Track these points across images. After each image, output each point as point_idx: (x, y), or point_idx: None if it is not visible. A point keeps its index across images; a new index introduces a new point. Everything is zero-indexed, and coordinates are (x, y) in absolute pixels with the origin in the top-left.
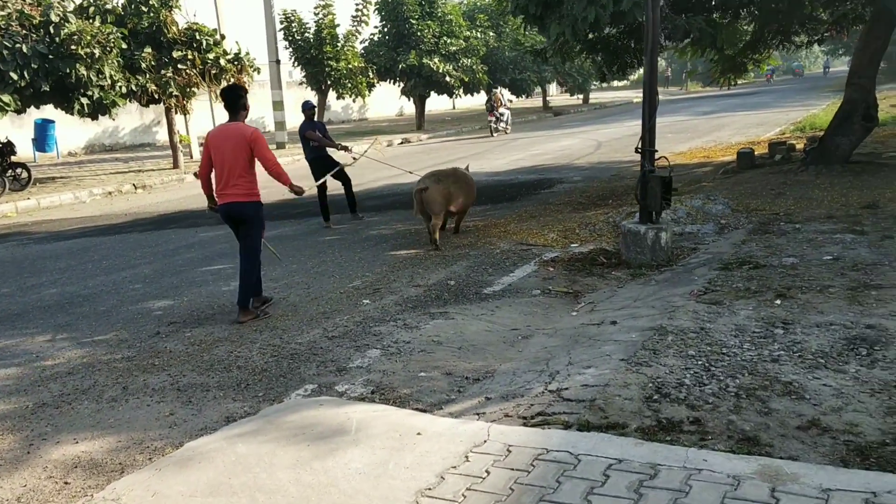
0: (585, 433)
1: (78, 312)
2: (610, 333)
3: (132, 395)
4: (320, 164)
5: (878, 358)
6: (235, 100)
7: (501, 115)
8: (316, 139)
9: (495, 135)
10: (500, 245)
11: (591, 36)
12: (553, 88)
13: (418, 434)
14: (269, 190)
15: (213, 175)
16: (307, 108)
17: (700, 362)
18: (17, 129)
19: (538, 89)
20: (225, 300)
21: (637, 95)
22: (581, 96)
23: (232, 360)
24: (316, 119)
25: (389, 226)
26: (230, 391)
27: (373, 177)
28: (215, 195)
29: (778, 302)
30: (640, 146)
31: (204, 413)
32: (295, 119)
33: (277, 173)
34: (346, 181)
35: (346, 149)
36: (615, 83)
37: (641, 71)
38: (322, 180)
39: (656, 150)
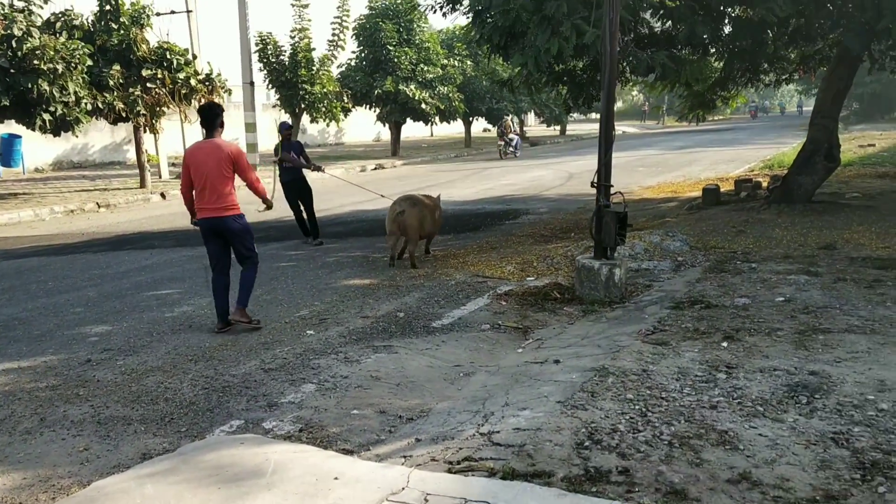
0: (509, 482)
1: (10, 336)
2: (552, 373)
3: (48, 428)
4: (295, 186)
5: (818, 407)
6: (213, 118)
7: (511, 140)
8: (289, 160)
9: (504, 158)
10: (456, 276)
11: (557, 68)
12: (531, 118)
13: (335, 479)
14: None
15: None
16: (284, 128)
17: (637, 407)
18: None
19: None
20: (165, 327)
21: (616, 128)
22: (558, 127)
23: (161, 391)
24: (293, 139)
25: (348, 253)
26: (153, 425)
27: (339, 202)
28: (197, 208)
29: (724, 344)
30: (595, 180)
31: (121, 449)
32: (269, 140)
33: (257, 189)
34: (308, 203)
35: (319, 169)
36: (593, 115)
37: (619, 104)
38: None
39: (612, 185)
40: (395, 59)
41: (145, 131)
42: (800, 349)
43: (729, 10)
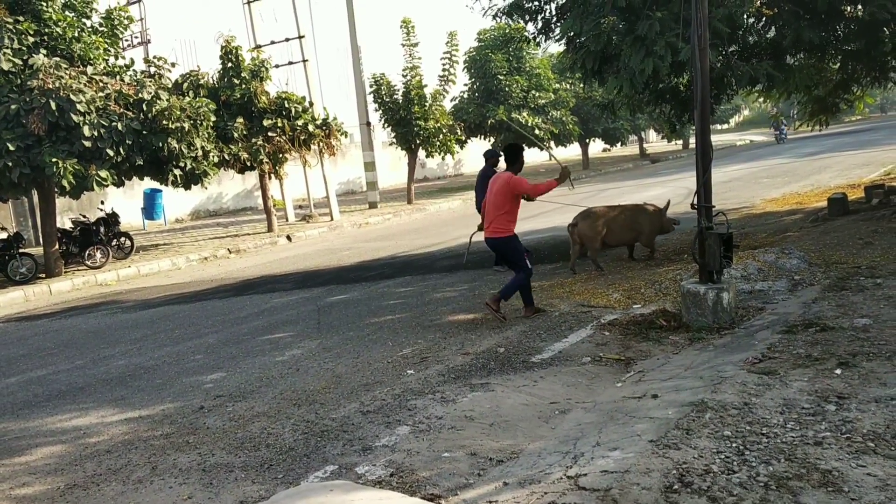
0: None
1: (135, 385)
2: (647, 409)
3: (158, 476)
4: None
5: None
6: (516, 154)
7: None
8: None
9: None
10: (561, 307)
11: (658, 86)
12: (652, 134)
13: None
14: (352, 251)
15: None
16: (490, 155)
17: (734, 444)
18: (128, 200)
19: (633, 137)
20: (275, 371)
21: (741, 138)
22: (681, 142)
23: (263, 437)
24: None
25: (455, 287)
26: (252, 472)
27: (454, 234)
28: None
29: (838, 371)
30: (695, 202)
31: (220, 497)
32: (390, 178)
33: (541, 191)
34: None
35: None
36: (718, 126)
37: (746, 112)
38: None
39: (713, 206)
40: (507, 88)
41: (270, 178)
42: None
43: (838, 11)
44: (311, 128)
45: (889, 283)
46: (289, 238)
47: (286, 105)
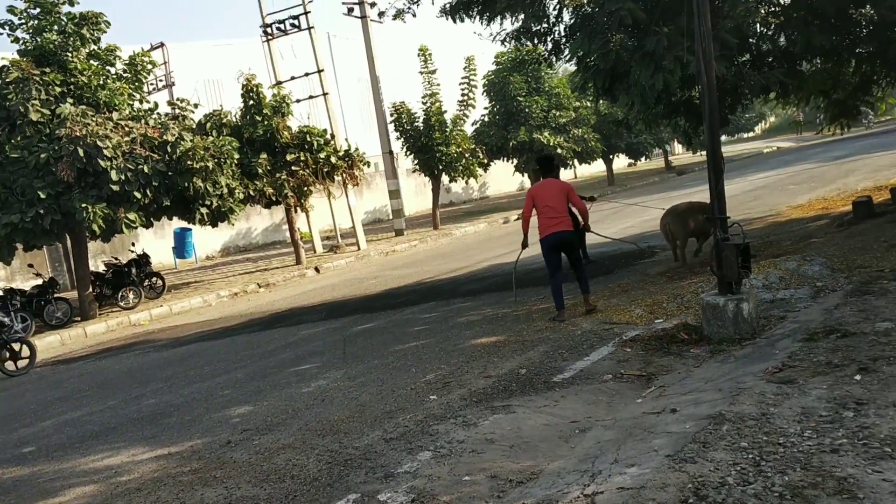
0: None
1: (166, 423)
2: (666, 424)
3: None
4: None
5: None
6: (550, 163)
7: None
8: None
9: None
10: (583, 325)
11: (672, 99)
12: (677, 146)
13: None
14: (378, 280)
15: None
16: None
17: (751, 456)
18: (158, 240)
19: (658, 150)
20: (301, 403)
21: (768, 145)
22: (706, 152)
23: (288, 468)
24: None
25: (479, 311)
26: None
27: (479, 258)
28: (540, 231)
29: (858, 377)
30: (709, 213)
31: None
32: (416, 204)
33: (584, 212)
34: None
35: (591, 199)
36: (744, 135)
37: (772, 119)
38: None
39: (728, 217)
40: (527, 109)
41: (296, 211)
42: None
43: (847, 14)
44: (333, 160)
45: None
46: (317, 269)
47: (308, 139)
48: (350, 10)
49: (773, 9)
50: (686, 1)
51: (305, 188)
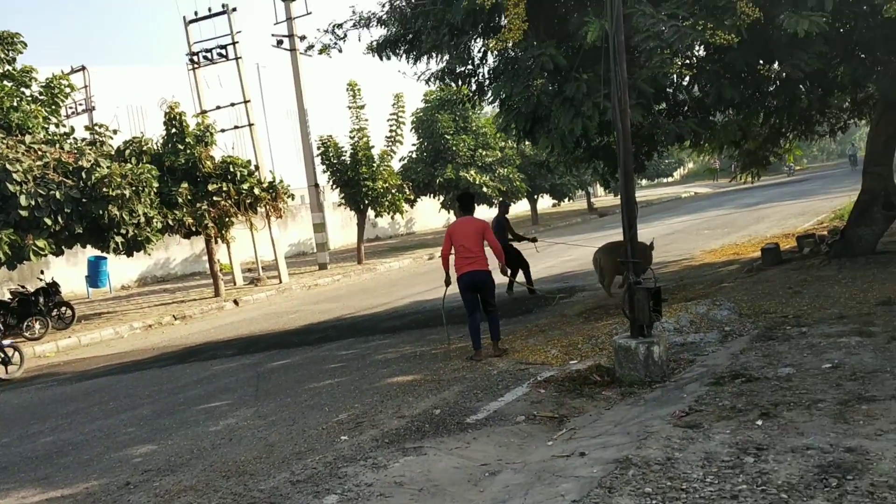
0: None
1: (61, 463)
2: (574, 468)
3: None
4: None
5: (849, 490)
6: (469, 201)
7: None
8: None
9: None
10: (499, 365)
11: (592, 144)
12: (600, 189)
13: None
14: (298, 314)
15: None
16: (504, 205)
17: (654, 501)
18: (71, 268)
19: (581, 191)
20: (207, 442)
21: (686, 191)
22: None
23: None
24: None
25: (397, 349)
26: None
27: (402, 294)
28: (457, 269)
29: (759, 422)
30: (621, 258)
31: None
32: (338, 238)
33: (499, 252)
34: (525, 266)
35: (533, 240)
36: (664, 179)
37: (690, 165)
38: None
39: (639, 261)
40: (454, 148)
41: (216, 242)
42: (839, 422)
43: (756, 70)
44: (256, 191)
45: (813, 331)
46: (236, 302)
47: (231, 169)
48: (279, 43)
49: (687, 61)
50: (604, 50)
51: (227, 219)
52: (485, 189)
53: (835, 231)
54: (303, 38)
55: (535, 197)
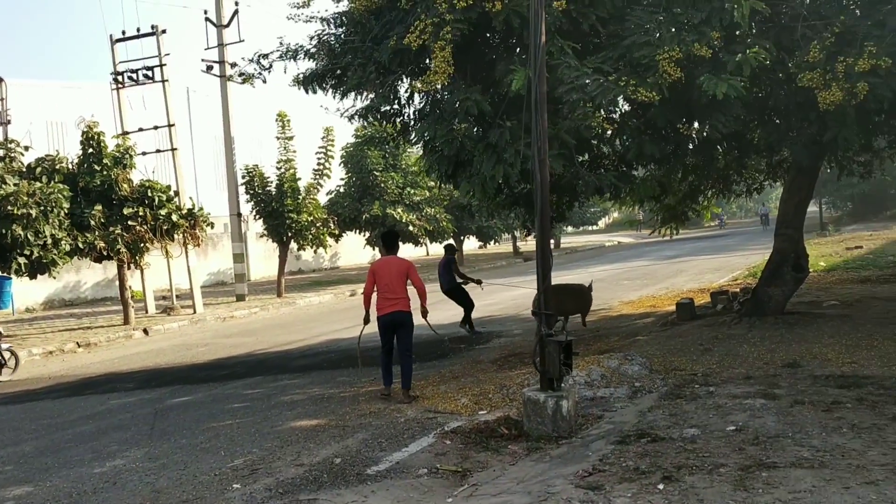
0: None
1: None
2: None
3: None
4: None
5: None
6: (394, 239)
7: None
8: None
9: None
10: (408, 413)
11: (514, 191)
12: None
13: None
14: (209, 347)
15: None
16: (450, 248)
17: None
18: None
19: (507, 235)
20: (89, 486)
21: (610, 239)
22: (552, 241)
23: None
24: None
25: (305, 390)
26: None
27: (318, 331)
28: (378, 308)
29: (661, 486)
30: (535, 308)
31: None
32: (261, 269)
33: (422, 293)
34: (470, 307)
35: (479, 282)
36: (590, 227)
37: (616, 214)
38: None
39: (553, 313)
40: (382, 184)
41: (129, 268)
42: (739, 489)
43: (676, 128)
44: (174, 217)
45: (720, 391)
46: (145, 331)
47: (150, 194)
48: (209, 68)
49: (610, 115)
50: (526, 99)
51: (142, 245)
52: (411, 228)
53: (747, 289)
54: (233, 64)
55: (462, 238)
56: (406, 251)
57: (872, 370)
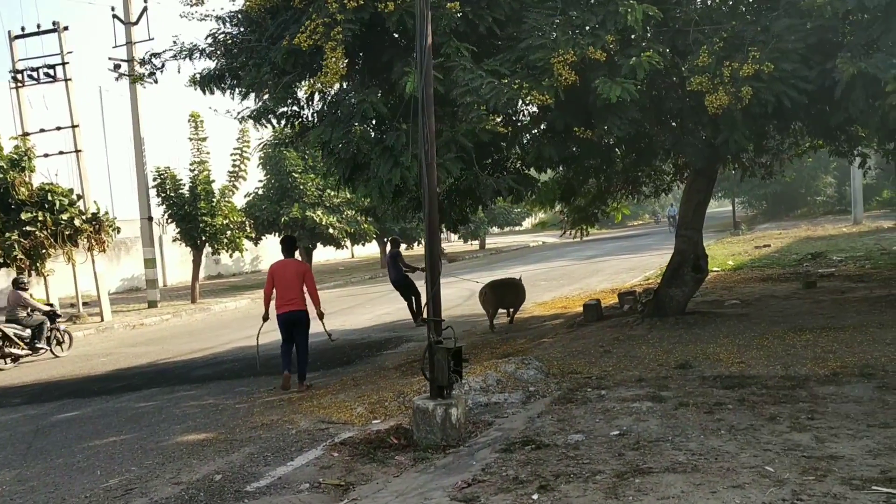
0: None
1: None
2: None
3: None
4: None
5: None
6: (292, 244)
7: None
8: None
9: None
10: (301, 423)
11: (416, 194)
12: (452, 235)
13: None
14: (110, 357)
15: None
16: (395, 243)
17: None
18: None
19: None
20: None
21: (534, 240)
22: (477, 242)
23: None
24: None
25: (200, 401)
26: None
27: (228, 338)
28: (276, 307)
29: (535, 496)
30: (424, 315)
31: None
32: (177, 274)
33: (315, 297)
34: (418, 296)
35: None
36: (516, 227)
37: (541, 215)
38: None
39: (443, 320)
40: (301, 186)
41: (30, 275)
42: (610, 497)
43: (572, 132)
44: (77, 222)
45: (611, 394)
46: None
47: (50, 197)
48: (117, 67)
49: (511, 118)
50: (414, 101)
51: (42, 251)
52: (331, 230)
53: (649, 290)
54: (142, 62)
55: (385, 240)
56: (329, 254)
57: (758, 370)
